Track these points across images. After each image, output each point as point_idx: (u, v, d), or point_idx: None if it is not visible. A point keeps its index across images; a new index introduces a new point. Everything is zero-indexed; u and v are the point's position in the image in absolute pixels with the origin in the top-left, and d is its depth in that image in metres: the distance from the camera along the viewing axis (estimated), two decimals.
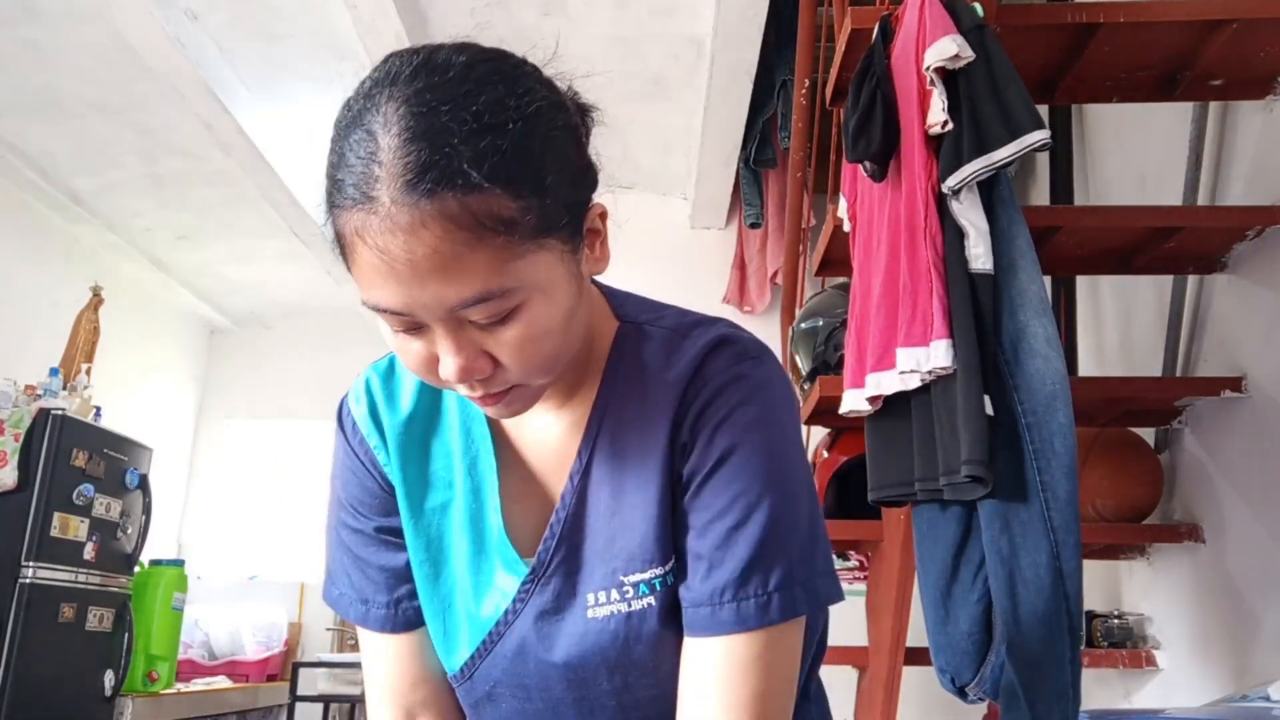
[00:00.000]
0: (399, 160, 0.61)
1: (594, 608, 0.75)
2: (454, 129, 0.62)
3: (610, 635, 0.74)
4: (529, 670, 0.78)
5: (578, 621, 0.75)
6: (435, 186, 0.60)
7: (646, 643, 0.74)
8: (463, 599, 0.80)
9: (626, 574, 0.73)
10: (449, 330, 0.65)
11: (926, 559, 1.54)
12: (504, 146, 0.63)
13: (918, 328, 1.39)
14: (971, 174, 1.37)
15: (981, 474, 1.28)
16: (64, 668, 3.62)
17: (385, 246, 0.61)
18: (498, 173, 0.62)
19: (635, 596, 0.74)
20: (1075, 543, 1.33)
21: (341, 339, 6.32)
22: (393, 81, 0.65)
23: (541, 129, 0.67)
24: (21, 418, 3.62)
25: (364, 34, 2.85)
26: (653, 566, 0.73)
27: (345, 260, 0.67)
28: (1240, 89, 1.91)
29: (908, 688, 2.13)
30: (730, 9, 2.66)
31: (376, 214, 0.61)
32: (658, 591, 0.73)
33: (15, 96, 3.86)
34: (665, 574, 0.74)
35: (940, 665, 1.55)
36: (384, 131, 0.62)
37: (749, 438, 0.71)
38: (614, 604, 0.74)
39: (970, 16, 1.43)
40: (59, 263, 4.92)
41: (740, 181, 3.63)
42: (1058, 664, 1.31)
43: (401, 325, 0.67)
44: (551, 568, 0.76)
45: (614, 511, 0.74)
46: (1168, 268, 2.14)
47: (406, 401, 0.85)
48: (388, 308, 0.65)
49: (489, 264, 0.63)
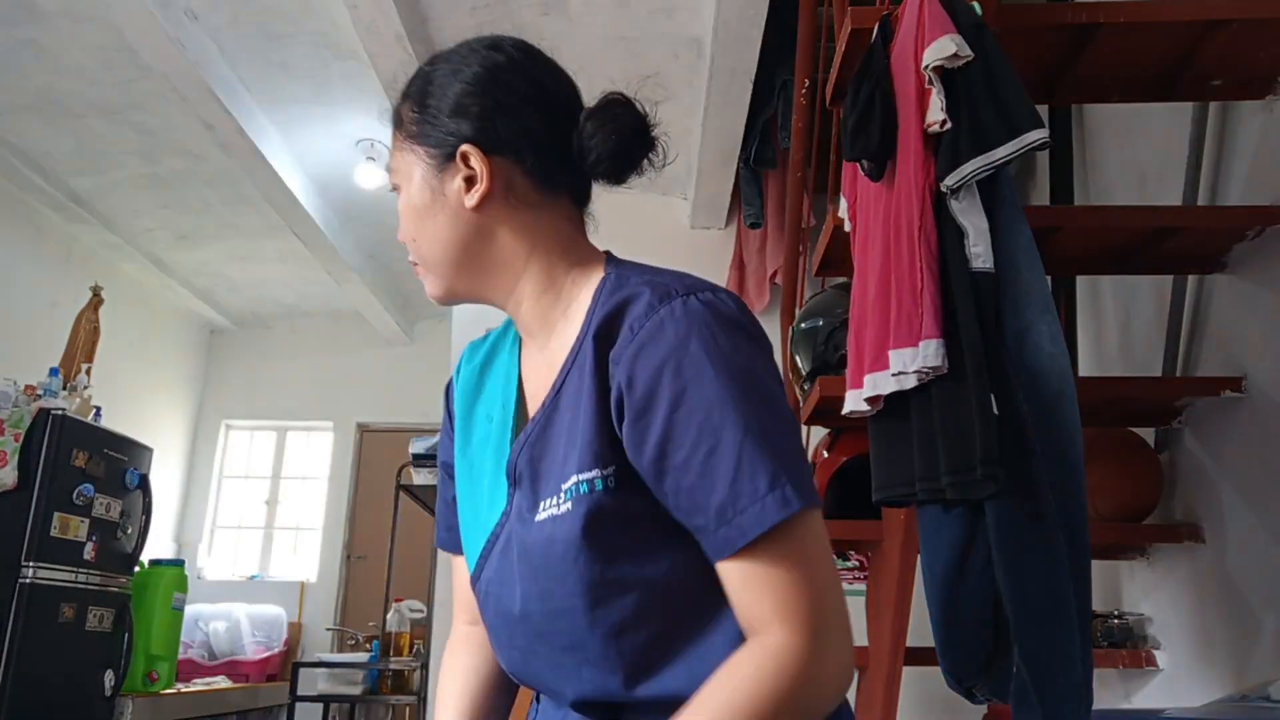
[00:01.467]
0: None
1: (541, 513, 0.82)
2: (435, 70, 0.93)
3: (544, 539, 0.81)
4: (510, 576, 0.85)
5: (530, 526, 0.83)
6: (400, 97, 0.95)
7: (565, 545, 0.79)
8: (484, 514, 0.91)
9: (563, 481, 0.81)
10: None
11: (931, 559, 1.54)
12: (430, 75, 0.93)
13: (905, 328, 1.39)
14: (970, 173, 1.37)
15: (995, 473, 1.28)
16: (64, 668, 3.62)
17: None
18: (412, 91, 0.94)
19: (563, 501, 0.80)
20: (1083, 541, 1.32)
21: (341, 339, 6.33)
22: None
23: (461, 75, 0.91)
24: (21, 418, 3.62)
25: (364, 34, 2.85)
26: (580, 472, 0.80)
27: None
28: (1240, 89, 1.91)
29: (908, 688, 2.13)
30: (730, 9, 2.66)
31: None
32: (583, 495, 0.79)
33: (15, 96, 3.87)
34: (591, 479, 0.79)
35: (946, 666, 1.55)
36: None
37: (687, 370, 0.76)
38: (550, 509, 0.81)
39: (969, 16, 1.43)
40: (59, 263, 4.92)
41: (740, 181, 3.63)
42: (1069, 662, 1.31)
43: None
44: (521, 479, 0.86)
45: (571, 433, 0.83)
46: (1168, 268, 2.14)
47: (479, 357, 1.04)
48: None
49: (393, 150, 0.93)
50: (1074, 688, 1.32)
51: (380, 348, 6.26)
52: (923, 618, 1.99)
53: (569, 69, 0.99)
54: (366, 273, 5.27)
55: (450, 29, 3.03)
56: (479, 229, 0.89)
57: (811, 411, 2.09)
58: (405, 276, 5.64)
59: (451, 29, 3.03)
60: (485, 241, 0.89)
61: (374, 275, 5.42)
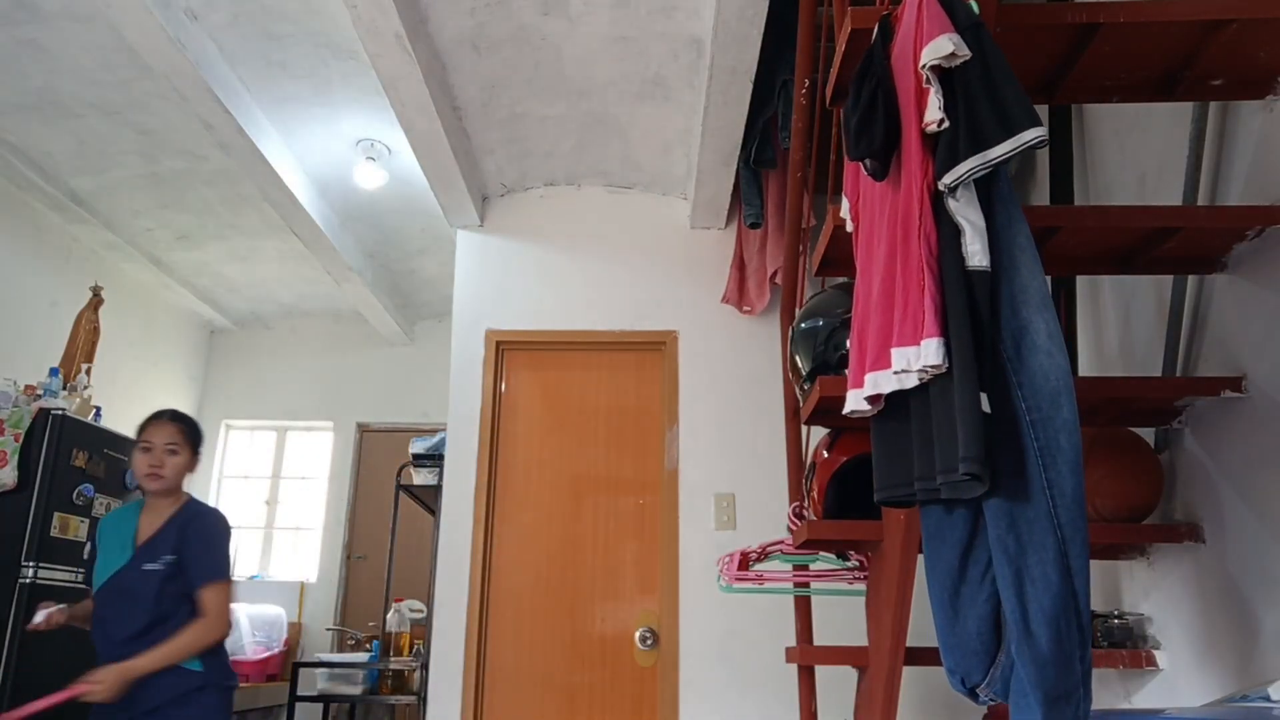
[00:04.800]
0: None
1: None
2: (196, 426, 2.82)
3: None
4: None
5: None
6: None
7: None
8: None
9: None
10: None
11: (934, 559, 1.54)
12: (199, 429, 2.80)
13: (909, 326, 1.39)
14: (967, 171, 1.37)
15: (978, 471, 1.28)
16: (64, 668, 3.62)
17: None
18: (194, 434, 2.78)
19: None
20: (1083, 540, 1.32)
21: (341, 339, 6.33)
22: None
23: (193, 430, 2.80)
24: (21, 418, 3.62)
25: (364, 34, 2.85)
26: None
27: None
28: (1240, 89, 1.91)
29: (908, 688, 2.13)
30: (730, 9, 2.66)
31: None
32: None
33: (15, 96, 3.87)
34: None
35: (950, 666, 1.54)
36: None
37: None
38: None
39: (967, 15, 1.43)
40: (59, 263, 4.92)
41: (740, 181, 3.63)
42: (1067, 662, 1.31)
43: None
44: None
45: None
46: (1168, 268, 2.14)
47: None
48: None
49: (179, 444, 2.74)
50: (1073, 687, 1.32)
51: (380, 348, 6.27)
52: (922, 618, 1.99)
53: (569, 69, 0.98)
54: (366, 273, 5.27)
55: (450, 29, 3.03)
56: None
57: (811, 411, 2.09)
58: (405, 276, 5.64)
59: (451, 29, 3.03)
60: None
61: (374, 275, 5.42)
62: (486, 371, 3.82)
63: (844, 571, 2.54)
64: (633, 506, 3.71)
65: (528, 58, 3.18)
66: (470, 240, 4.01)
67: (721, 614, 3.49)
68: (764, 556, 2.62)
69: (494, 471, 3.73)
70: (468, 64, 3.21)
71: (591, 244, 3.97)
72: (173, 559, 2.56)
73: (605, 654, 3.55)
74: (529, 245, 3.99)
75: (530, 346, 3.89)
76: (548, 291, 3.92)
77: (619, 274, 3.91)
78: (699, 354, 3.79)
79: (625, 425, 3.80)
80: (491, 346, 3.85)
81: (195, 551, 2.60)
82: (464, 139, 3.62)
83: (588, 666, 3.54)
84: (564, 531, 3.69)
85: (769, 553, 2.61)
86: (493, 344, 3.85)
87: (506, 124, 3.57)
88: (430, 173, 3.67)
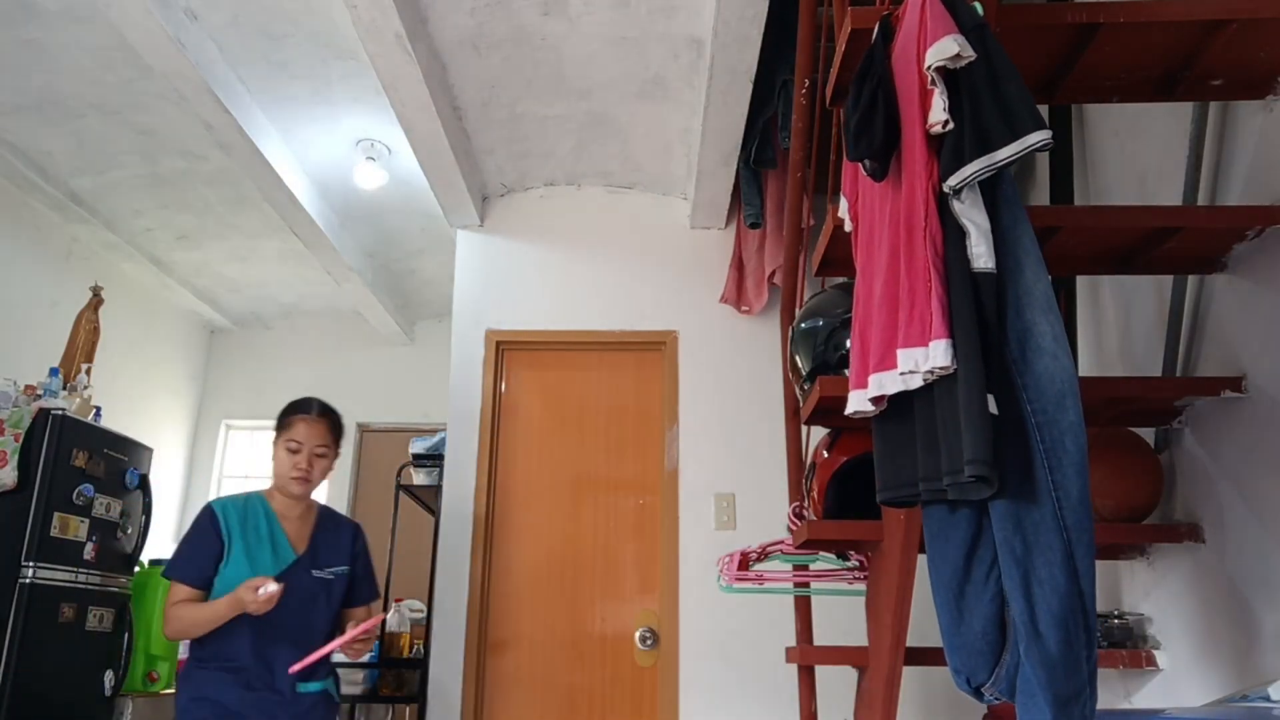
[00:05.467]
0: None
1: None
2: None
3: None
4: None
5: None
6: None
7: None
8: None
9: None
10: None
11: (938, 560, 1.54)
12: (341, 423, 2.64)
13: (916, 328, 1.39)
14: (973, 173, 1.37)
15: (986, 473, 1.28)
16: (64, 668, 3.62)
17: None
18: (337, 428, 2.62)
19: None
20: (1089, 541, 1.32)
21: (341, 339, 6.32)
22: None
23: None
24: (21, 418, 3.62)
25: (364, 34, 2.85)
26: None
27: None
28: (1240, 89, 1.91)
29: (908, 688, 2.13)
30: (730, 9, 2.66)
31: None
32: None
33: (15, 96, 3.87)
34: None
35: (955, 666, 1.54)
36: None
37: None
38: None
39: (971, 16, 1.43)
40: (59, 263, 4.92)
41: (740, 181, 3.63)
42: (1075, 663, 1.31)
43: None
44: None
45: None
46: (1168, 268, 2.14)
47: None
48: None
49: (329, 444, 2.60)
50: (1080, 688, 1.32)
51: (380, 348, 6.26)
52: (922, 618, 2.00)
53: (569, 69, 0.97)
54: (366, 273, 5.27)
55: (450, 29, 3.03)
56: None
57: (811, 411, 2.09)
58: (405, 276, 5.64)
59: (451, 29, 3.03)
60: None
61: (374, 275, 5.41)
62: (486, 371, 3.82)
63: (844, 571, 2.54)
64: (633, 506, 3.71)
65: (528, 58, 3.18)
66: (470, 240, 4.01)
67: (721, 614, 3.49)
68: (764, 556, 2.62)
69: (494, 471, 3.73)
70: (468, 64, 3.21)
71: (591, 244, 3.97)
72: (345, 571, 2.51)
73: (605, 654, 3.55)
74: (529, 245, 3.99)
75: (530, 346, 3.89)
76: (548, 291, 3.92)
77: (619, 274, 3.91)
78: (699, 354, 3.79)
79: (625, 425, 3.80)
80: (491, 346, 3.85)
81: (365, 566, 2.59)
82: (464, 139, 3.62)
83: (588, 666, 3.54)
84: (564, 531, 3.69)
85: (769, 553, 2.62)
86: (493, 344, 3.85)
87: (506, 124, 3.57)
88: (430, 173, 3.67)
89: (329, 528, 2.56)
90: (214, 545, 2.38)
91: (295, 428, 2.49)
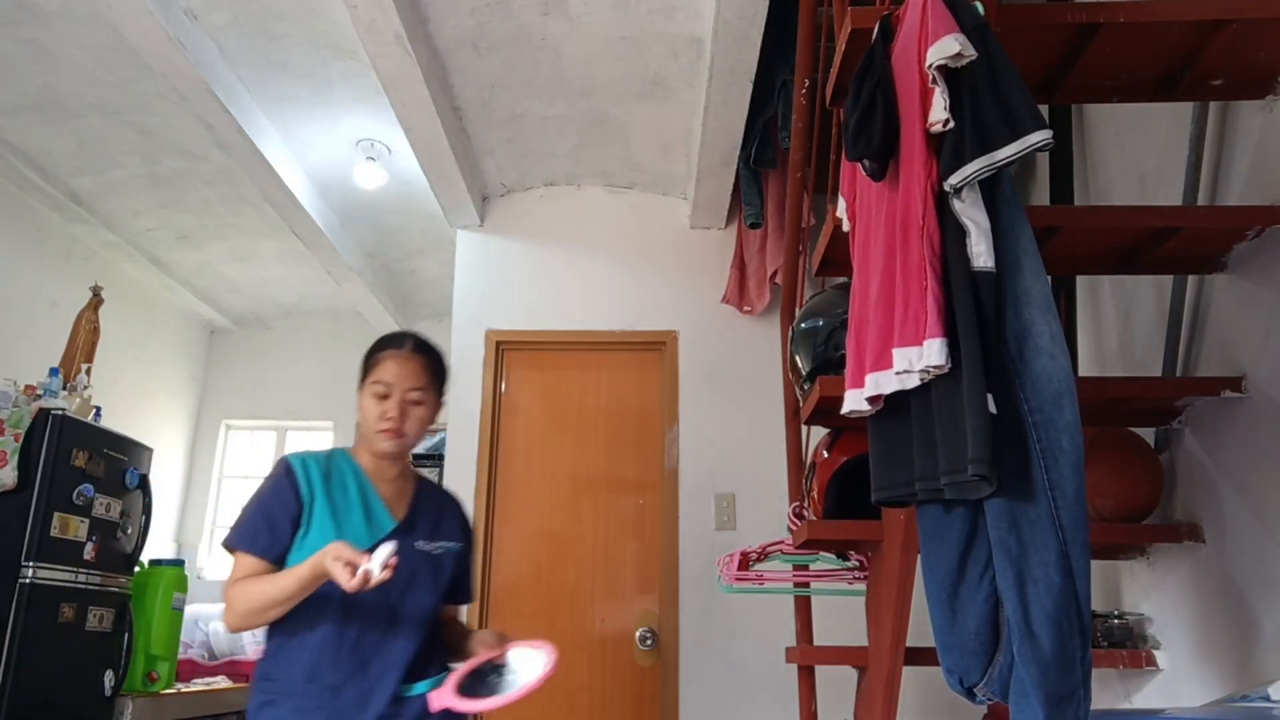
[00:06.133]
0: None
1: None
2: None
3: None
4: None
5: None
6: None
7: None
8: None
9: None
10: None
11: (932, 560, 1.54)
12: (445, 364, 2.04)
13: (911, 327, 1.39)
14: (973, 173, 1.37)
15: (987, 473, 1.28)
16: (64, 668, 3.62)
17: None
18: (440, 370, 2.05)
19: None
20: (1084, 541, 1.32)
21: (341, 339, 6.32)
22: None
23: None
24: (21, 418, 3.62)
25: (364, 34, 2.85)
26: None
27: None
28: (1240, 89, 1.91)
29: (908, 688, 2.13)
30: (730, 9, 2.66)
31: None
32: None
33: (15, 96, 3.86)
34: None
35: (948, 666, 1.54)
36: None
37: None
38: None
39: (972, 16, 1.43)
40: (59, 263, 4.92)
41: (740, 181, 3.63)
42: (1069, 663, 1.31)
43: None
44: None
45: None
46: (1168, 268, 2.14)
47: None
48: None
49: (426, 385, 2.00)
50: (1074, 688, 1.32)
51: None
52: (922, 618, 2.00)
53: (569, 69, 0.98)
54: (366, 273, 5.27)
55: (450, 29, 3.03)
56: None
57: (811, 411, 2.09)
58: (405, 276, 5.64)
59: (451, 29, 3.03)
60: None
61: (374, 275, 5.41)
62: (486, 371, 3.82)
63: (844, 571, 2.54)
64: (632, 506, 3.71)
65: (528, 58, 3.18)
66: (470, 240, 4.01)
67: (721, 614, 3.48)
68: (764, 556, 2.63)
69: (494, 471, 3.73)
70: (468, 64, 3.21)
71: (591, 244, 3.97)
72: (458, 549, 1.99)
73: (605, 654, 3.55)
74: (529, 245, 3.99)
75: (530, 346, 3.89)
76: (548, 291, 3.92)
77: (619, 274, 3.91)
78: (699, 354, 3.79)
79: (625, 425, 3.80)
80: (491, 346, 3.85)
81: (472, 552, 2.06)
82: (464, 139, 3.62)
83: (588, 666, 3.54)
84: (564, 531, 3.69)
85: (769, 553, 2.62)
86: (493, 344, 3.85)
87: (506, 124, 3.57)
88: (430, 173, 3.67)
89: (432, 496, 2.04)
90: (291, 506, 1.82)
91: (383, 367, 1.94)
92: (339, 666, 1.77)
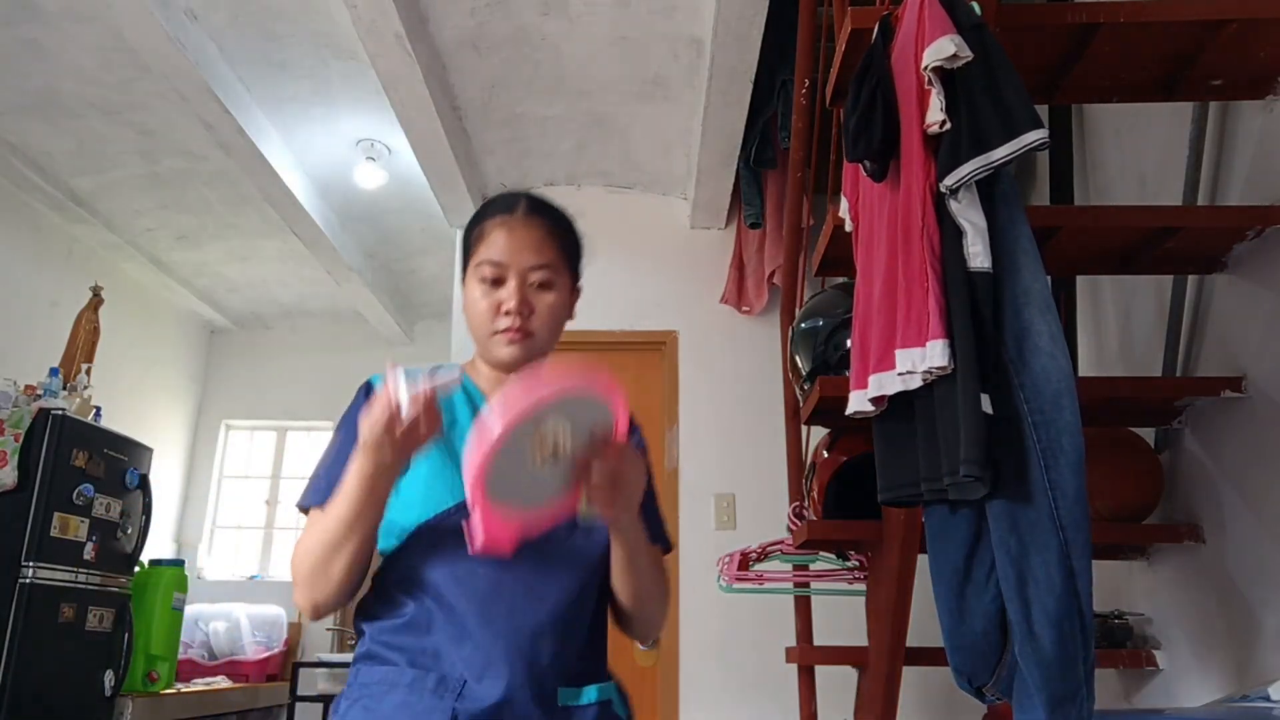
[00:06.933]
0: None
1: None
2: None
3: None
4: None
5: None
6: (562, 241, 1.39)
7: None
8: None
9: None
10: None
11: (939, 560, 1.54)
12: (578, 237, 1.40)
13: (913, 328, 1.39)
14: (969, 173, 1.37)
15: (979, 473, 1.28)
16: (64, 668, 3.62)
17: None
18: (570, 242, 1.40)
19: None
20: (1085, 541, 1.32)
21: (341, 339, 6.32)
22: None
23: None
24: (21, 418, 3.62)
25: (364, 34, 2.85)
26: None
27: None
28: (1240, 89, 1.91)
29: (908, 688, 2.13)
30: (730, 9, 2.66)
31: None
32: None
33: (15, 96, 3.86)
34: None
35: (956, 666, 1.54)
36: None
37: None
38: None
39: (969, 16, 1.43)
40: (59, 263, 4.92)
41: (740, 181, 3.63)
42: (1070, 663, 1.31)
43: None
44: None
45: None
46: (1168, 268, 2.14)
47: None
48: None
49: (553, 263, 1.37)
50: (1076, 688, 1.32)
51: (380, 348, 6.26)
52: (922, 618, 2.00)
53: (569, 69, 0.98)
54: (366, 273, 5.27)
55: (450, 29, 3.03)
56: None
57: (811, 411, 2.09)
58: (405, 276, 5.64)
59: (451, 29, 3.03)
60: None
61: (374, 275, 5.41)
62: None
63: (844, 571, 2.54)
64: None
65: (528, 58, 3.18)
66: None
67: (721, 614, 3.48)
68: (764, 556, 2.62)
69: None
70: (468, 64, 3.21)
71: (591, 244, 3.96)
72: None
73: None
74: None
75: None
76: None
77: (619, 274, 3.91)
78: (699, 354, 3.79)
79: None
80: None
81: (650, 493, 1.31)
82: (464, 139, 3.62)
83: None
84: None
85: (769, 553, 2.62)
86: None
87: (506, 124, 3.57)
88: (430, 173, 3.67)
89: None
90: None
91: (489, 240, 1.30)
92: (451, 654, 1.18)
